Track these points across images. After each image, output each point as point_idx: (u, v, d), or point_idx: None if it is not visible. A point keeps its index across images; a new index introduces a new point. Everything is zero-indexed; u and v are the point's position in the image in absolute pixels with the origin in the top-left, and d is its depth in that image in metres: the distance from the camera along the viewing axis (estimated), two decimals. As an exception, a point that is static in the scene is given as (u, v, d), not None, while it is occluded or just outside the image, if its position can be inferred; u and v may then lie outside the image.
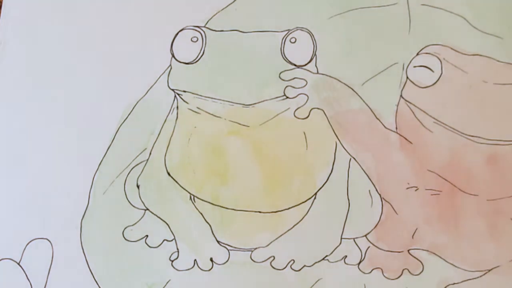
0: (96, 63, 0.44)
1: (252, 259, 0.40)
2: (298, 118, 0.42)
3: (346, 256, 0.40)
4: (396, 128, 0.42)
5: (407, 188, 0.41)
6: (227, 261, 0.40)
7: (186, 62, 0.43)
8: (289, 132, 0.42)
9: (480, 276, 0.40)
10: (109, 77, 0.43)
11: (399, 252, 0.40)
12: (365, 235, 0.40)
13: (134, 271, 0.40)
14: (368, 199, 0.41)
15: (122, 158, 0.42)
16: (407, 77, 0.43)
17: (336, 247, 0.40)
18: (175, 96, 0.43)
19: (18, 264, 0.40)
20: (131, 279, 0.40)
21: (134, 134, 0.42)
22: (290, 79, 0.43)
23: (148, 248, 0.40)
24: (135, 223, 0.41)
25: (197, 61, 0.43)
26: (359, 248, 0.40)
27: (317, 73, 0.43)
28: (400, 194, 0.41)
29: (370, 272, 0.40)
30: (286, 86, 0.42)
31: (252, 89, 0.43)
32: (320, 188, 0.41)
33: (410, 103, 0.42)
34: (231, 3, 0.45)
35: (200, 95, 0.43)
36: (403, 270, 0.40)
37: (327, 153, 0.42)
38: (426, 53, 0.43)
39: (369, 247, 0.40)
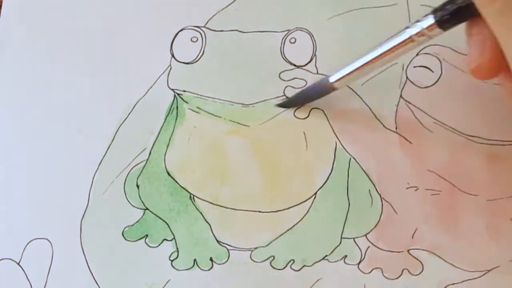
0: (96, 63, 0.44)
1: (252, 259, 0.40)
2: (298, 118, 0.42)
3: (346, 256, 0.40)
4: (396, 128, 0.42)
5: (407, 188, 0.41)
6: (227, 261, 0.40)
7: (186, 62, 0.43)
8: (289, 132, 0.42)
9: (480, 276, 0.39)
10: (109, 77, 0.44)
11: (399, 252, 0.40)
12: (365, 235, 0.40)
13: (134, 271, 0.40)
14: (368, 199, 0.41)
15: (122, 158, 0.42)
16: (407, 77, 0.43)
17: (336, 247, 0.40)
18: (175, 96, 0.43)
19: (18, 264, 0.40)
20: (131, 279, 0.40)
21: (134, 134, 0.42)
22: (290, 79, 0.43)
23: (148, 248, 0.40)
24: (135, 223, 0.41)
25: (197, 61, 0.43)
26: (359, 248, 0.40)
27: (317, 73, 0.43)
28: (400, 194, 0.41)
29: (370, 272, 0.40)
30: (286, 86, 0.43)
31: (252, 89, 0.43)
32: (320, 187, 0.41)
33: (410, 103, 0.42)
34: (231, 3, 0.45)
35: (200, 95, 0.43)
36: (403, 270, 0.40)
37: (327, 153, 0.42)
38: (426, 53, 0.43)
39: (369, 247, 0.40)
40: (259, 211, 0.41)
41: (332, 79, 0.39)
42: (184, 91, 0.43)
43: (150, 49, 0.44)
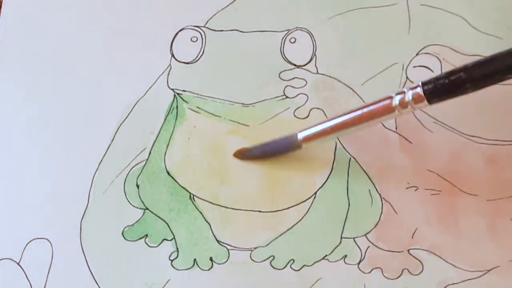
0: (96, 63, 0.44)
1: (251, 259, 0.40)
2: (298, 118, 0.42)
3: (346, 256, 0.40)
4: (396, 128, 0.42)
5: (407, 188, 0.41)
6: (226, 260, 0.40)
7: (186, 61, 0.43)
8: (289, 132, 0.42)
9: (480, 276, 0.39)
10: (109, 77, 0.44)
11: (399, 252, 0.40)
12: (365, 235, 0.40)
13: (133, 270, 0.40)
14: (368, 199, 0.41)
15: (121, 158, 0.42)
16: (407, 77, 0.43)
17: (336, 247, 0.40)
18: (174, 95, 0.43)
19: (18, 264, 0.40)
20: (131, 279, 0.39)
21: (133, 133, 0.42)
22: (290, 79, 0.43)
23: (148, 248, 0.40)
24: (135, 223, 0.41)
25: (197, 60, 0.43)
26: (359, 248, 0.40)
27: (317, 73, 0.43)
28: (400, 194, 0.41)
29: (370, 272, 0.40)
30: (286, 86, 0.43)
31: (252, 89, 0.43)
32: (320, 187, 0.41)
33: (410, 103, 0.42)
34: (231, 3, 0.45)
35: (200, 95, 0.43)
36: (403, 270, 0.40)
37: (327, 153, 0.42)
38: (426, 53, 0.43)
39: (369, 246, 0.40)
40: (259, 211, 0.41)
41: (300, 136, 0.39)
42: (184, 90, 0.43)
43: (150, 49, 0.44)
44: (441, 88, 0.33)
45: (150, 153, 0.42)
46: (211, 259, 0.40)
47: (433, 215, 0.40)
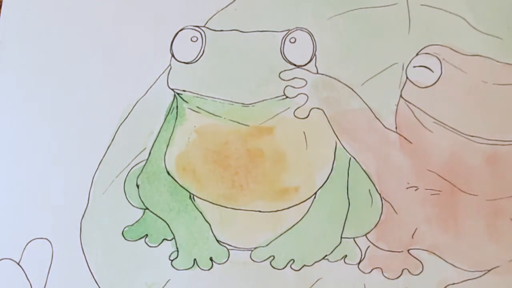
0: (96, 63, 0.44)
1: (251, 259, 0.40)
2: (298, 117, 0.42)
3: (346, 256, 0.40)
4: (396, 128, 0.42)
5: (407, 188, 0.41)
6: (226, 260, 0.40)
7: (186, 61, 0.43)
8: (289, 132, 0.42)
9: (480, 276, 0.40)
10: (109, 77, 0.44)
11: (399, 252, 0.40)
12: (365, 235, 0.40)
13: (134, 270, 0.40)
14: (368, 199, 0.41)
15: (122, 158, 0.42)
16: (407, 77, 0.43)
17: (336, 247, 0.40)
18: (174, 95, 0.43)
19: (18, 264, 0.40)
20: (131, 279, 0.40)
21: (133, 133, 0.42)
22: (290, 79, 0.43)
23: (148, 248, 0.40)
24: (135, 223, 0.41)
25: (196, 60, 0.43)
26: (359, 248, 0.40)
27: (317, 73, 0.43)
28: (400, 194, 0.41)
29: (370, 271, 0.40)
30: (286, 86, 0.43)
31: (252, 89, 0.43)
32: (320, 187, 0.41)
33: (410, 103, 0.42)
34: (231, 3, 0.45)
35: (200, 95, 0.43)
36: (403, 270, 0.40)
37: (327, 153, 0.42)
38: (426, 53, 0.43)
39: (369, 246, 0.40)
40: (259, 211, 0.41)
41: None
42: (184, 90, 0.43)
43: (150, 49, 0.44)
44: None
45: (150, 153, 0.42)
46: (211, 259, 0.40)
47: (433, 215, 0.40)
